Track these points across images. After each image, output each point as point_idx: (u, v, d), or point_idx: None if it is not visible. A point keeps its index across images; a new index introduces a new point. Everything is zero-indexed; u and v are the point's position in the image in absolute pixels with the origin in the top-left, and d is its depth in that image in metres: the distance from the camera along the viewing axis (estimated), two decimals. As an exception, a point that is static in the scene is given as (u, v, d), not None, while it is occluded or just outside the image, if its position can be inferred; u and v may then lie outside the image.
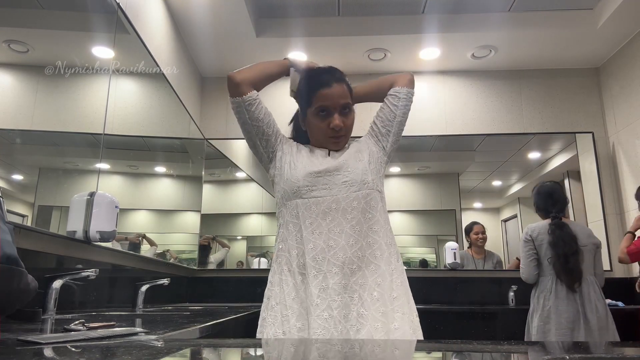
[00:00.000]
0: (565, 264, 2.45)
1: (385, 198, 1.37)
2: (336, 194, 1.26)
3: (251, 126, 1.34)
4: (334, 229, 1.23)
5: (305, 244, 1.23)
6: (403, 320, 1.21)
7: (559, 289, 2.45)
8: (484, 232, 3.52)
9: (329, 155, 1.35)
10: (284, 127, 1.47)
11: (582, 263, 2.48)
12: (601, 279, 2.56)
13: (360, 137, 1.45)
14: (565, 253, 2.46)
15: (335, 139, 1.34)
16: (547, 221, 2.60)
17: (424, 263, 3.62)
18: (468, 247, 3.53)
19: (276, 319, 1.23)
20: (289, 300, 1.23)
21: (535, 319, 2.50)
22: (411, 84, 1.44)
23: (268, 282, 1.32)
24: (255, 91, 1.34)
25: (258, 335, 1.28)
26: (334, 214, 1.24)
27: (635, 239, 2.70)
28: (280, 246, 1.30)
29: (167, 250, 3.05)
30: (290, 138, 1.45)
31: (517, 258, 3.45)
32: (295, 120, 1.49)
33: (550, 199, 2.64)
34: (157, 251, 2.79)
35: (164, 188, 3.03)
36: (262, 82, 1.38)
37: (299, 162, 1.31)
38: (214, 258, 3.64)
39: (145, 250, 2.64)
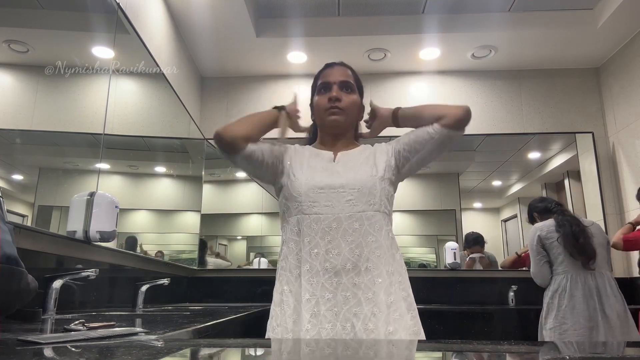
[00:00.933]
0: (575, 241, 2.42)
1: (392, 219, 1.29)
2: (338, 212, 1.19)
3: (255, 172, 1.32)
4: (331, 251, 1.17)
5: (302, 265, 1.18)
6: None
7: (574, 287, 2.39)
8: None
9: (334, 160, 1.29)
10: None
11: (592, 239, 2.45)
12: None
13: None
14: (573, 231, 2.44)
15: (332, 111, 1.29)
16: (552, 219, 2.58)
17: (422, 267, 3.63)
18: (464, 249, 3.54)
19: None
20: (290, 324, 1.18)
21: (549, 320, 2.41)
22: (458, 125, 1.23)
23: (272, 301, 1.27)
24: (249, 145, 1.24)
25: None
26: (333, 233, 1.18)
27: (635, 230, 2.69)
28: (283, 264, 1.25)
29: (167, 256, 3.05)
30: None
31: (516, 253, 3.44)
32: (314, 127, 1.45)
33: (544, 200, 2.71)
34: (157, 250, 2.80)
35: (164, 188, 3.03)
36: (256, 134, 1.27)
37: (299, 173, 1.26)
38: (214, 263, 3.63)
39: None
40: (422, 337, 1.22)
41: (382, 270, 1.18)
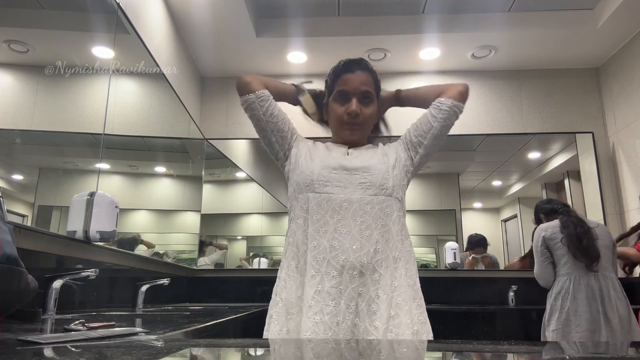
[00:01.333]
0: (579, 243, 2.40)
1: (405, 208, 1.31)
2: (350, 194, 1.21)
3: (265, 122, 1.32)
4: (340, 229, 1.18)
5: (309, 241, 1.19)
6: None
7: (577, 289, 2.38)
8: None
9: (347, 154, 1.31)
10: (299, 126, 1.45)
11: (597, 240, 2.43)
12: None
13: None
14: (577, 233, 2.42)
15: (350, 126, 1.31)
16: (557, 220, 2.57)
17: (422, 267, 3.63)
18: (466, 250, 3.54)
19: (280, 316, 1.20)
20: (295, 298, 1.19)
21: (552, 322, 2.40)
22: (461, 97, 1.35)
23: (277, 277, 1.29)
24: (266, 90, 1.33)
25: (265, 332, 1.25)
26: (344, 213, 1.19)
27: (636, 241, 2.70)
28: (290, 240, 1.26)
29: (165, 253, 3.04)
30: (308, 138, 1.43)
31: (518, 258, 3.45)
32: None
33: (551, 202, 2.71)
34: (154, 251, 2.79)
35: (164, 188, 3.03)
36: (272, 89, 1.36)
37: (316, 156, 1.29)
38: (209, 259, 3.63)
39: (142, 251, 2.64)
40: (428, 327, 1.24)
41: (388, 254, 1.20)
